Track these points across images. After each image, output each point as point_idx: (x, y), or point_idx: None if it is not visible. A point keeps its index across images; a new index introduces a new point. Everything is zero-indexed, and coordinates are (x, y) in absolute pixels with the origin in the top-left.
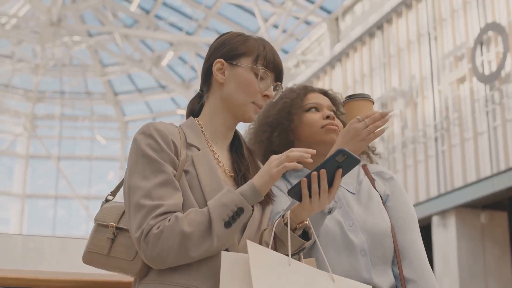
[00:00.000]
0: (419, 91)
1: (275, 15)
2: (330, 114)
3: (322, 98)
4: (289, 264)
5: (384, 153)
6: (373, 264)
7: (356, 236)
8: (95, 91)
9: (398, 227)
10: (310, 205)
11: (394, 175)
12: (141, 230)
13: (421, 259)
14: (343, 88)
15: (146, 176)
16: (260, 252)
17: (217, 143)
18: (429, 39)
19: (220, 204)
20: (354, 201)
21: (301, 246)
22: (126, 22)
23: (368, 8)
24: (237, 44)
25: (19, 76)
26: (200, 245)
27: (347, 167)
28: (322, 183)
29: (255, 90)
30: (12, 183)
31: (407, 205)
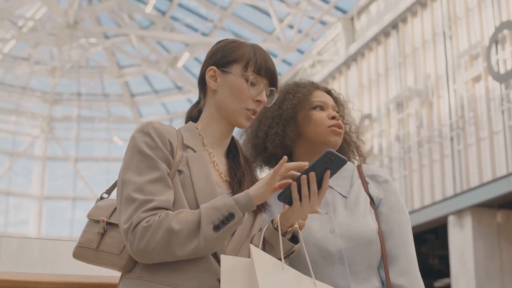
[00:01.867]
0: (435, 91)
1: (290, 15)
2: (336, 115)
3: (327, 97)
4: (282, 268)
5: (400, 152)
6: (355, 271)
7: (334, 244)
8: (112, 93)
9: (389, 233)
10: (301, 208)
11: (389, 178)
12: (130, 222)
13: (411, 265)
14: (359, 87)
15: (140, 172)
16: (262, 257)
17: (214, 147)
18: (444, 38)
19: (212, 207)
20: (342, 205)
21: (290, 250)
22: (142, 23)
23: (383, 7)
24: (229, 51)
25: (36, 78)
26: (186, 244)
27: (334, 168)
28: (311, 186)
29: (246, 96)
30: (31, 184)
31: (400, 210)
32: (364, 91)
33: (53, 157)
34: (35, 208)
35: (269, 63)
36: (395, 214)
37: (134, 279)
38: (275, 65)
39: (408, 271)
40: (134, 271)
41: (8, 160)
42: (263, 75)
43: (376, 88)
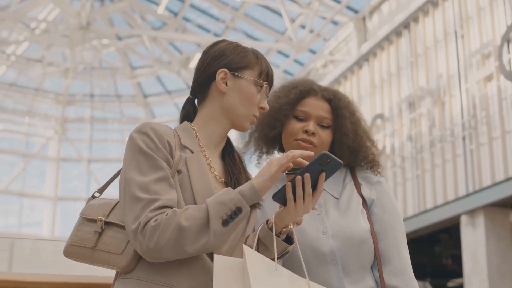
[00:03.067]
0: (447, 90)
1: (302, 16)
2: (309, 129)
3: (318, 106)
4: (276, 269)
5: (412, 152)
6: (348, 271)
7: (326, 245)
8: (125, 94)
9: (382, 233)
10: (295, 209)
11: (381, 179)
12: (138, 222)
13: (404, 266)
14: (371, 87)
15: (143, 171)
16: (255, 257)
17: (210, 148)
18: (456, 38)
19: (219, 202)
20: (334, 206)
21: (284, 250)
22: (154, 24)
23: (395, 7)
24: (239, 56)
25: (49, 79)
26: (196, 240)
27: (330, 170)
28: (306, 187)
29: (255, 103)
30: (44, 185)
31: (393, 211)
32: (376, 91)
33: (66, 158)
34: (48, 209)
35: (270, 69)
36: (388, 215)
37: (130, 279)
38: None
39: (401, 272)
40: (133, 272)
41: (22, 161)
42: (266, 80)
43: (388, 87)
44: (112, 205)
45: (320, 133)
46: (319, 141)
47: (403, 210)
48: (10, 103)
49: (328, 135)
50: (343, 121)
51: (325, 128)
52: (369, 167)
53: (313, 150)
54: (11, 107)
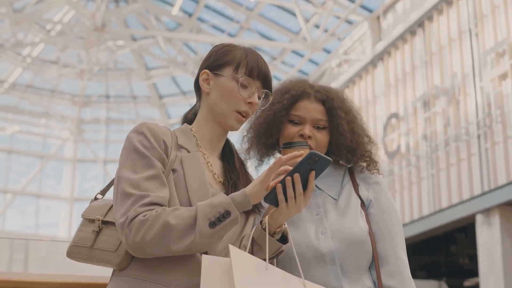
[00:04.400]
0: (461, 89)
1: (316, 15)
2: (305, 133)
3: (312, 109)
4: (266, 268)
5: (427, 151)
6: (346, 271)
7: (325, 245)
8: (140, 95)
9: (379, 234)
10: (287, 209)
11: (379, 179)
12: (126, 216)
13: (401, 266)
14: (386, 86)
15: (136, 170)
16: (242, 256)
17: (207, 149)
18: (470, 36)
19: (209, 204)
20: (332, 207)
21: (278, 250)
22: (169, 25)
23: (409, 6)
24: (221, 54)
25: (65, 81)
26: (181, 239)
27: (319, 168)
28: (297, 187)
29: (237, 98)
30: (61, 187)
31: (391, 211)
32: (390, 90)
33: (82, 159)
34: (65, 210)
35: (261, 65)
36: (385, 215)
37: (125, 276)
38: (268, 68)
39: (398, 272)
40: (127, 270)
41: (39, 163)
42: (255, 77)
43: (402, 87)
44: (110, 205)
45: (316, 136)
46: (315, 143)
47: (418, 210)
48: (26, 104)
49: (325, 136)
50: (339, 121)
51: (321, 130)
52: (365, 166)
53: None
54: (28, 109)
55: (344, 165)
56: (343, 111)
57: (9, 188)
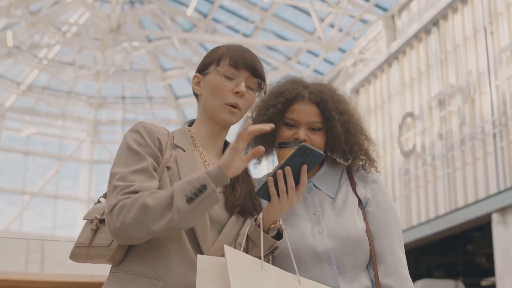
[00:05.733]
0: (476, 87)
1: (331, 15)
2: (299, 137)
3: (306, 111)
4: (262, 267)
5: (442, 150)
6: (343, 271)
7: (322, 244)
8: (156, 96)
9: (377, 232)
10: (279, 203)
11: (377, 178)
12: (109, 205)
13: (398, 265)
14: (401, 85)
15: (127, 165)
16: (237, 256)
17: (205, 148)
18: (485, 34)
19: (186, 181)
20: (330, 206)
21: (273, 246)
22: (184, 26)
23: (424, 4)
24: (207, 55)
25: (81, 82)
26: (160, 218)
27: (311, 162)
28: (288, 180)
29: (223, 91)
30: (78, 188)
31: (388, 210)
32: (406, 89)
33: (99, 160)
34: (82, 211)
35: (245, 55)
36: (383, 214)
37: (120, 273)
38: (255, 58)
39: (395, 271)
40: (121, 265)
41: (56, 164)
42: (239, 67)
43: (418, 86)
44: None
45: (311, 138)
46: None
47: (434, 209)
48: (43, 106)
49: (320, 138)
50: (333, 123)
51: (316, 131)
52: (361, 165)
53: None
54: (44, 110)
55: (342, 164)
56: (337, 112)
57: (26, 189)
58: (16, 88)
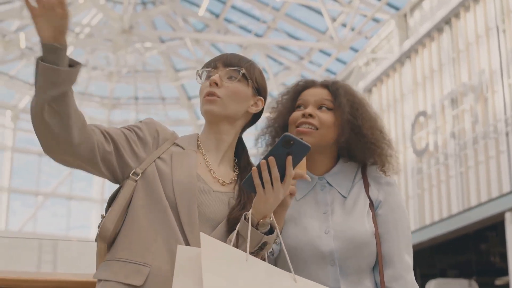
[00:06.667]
0: (489, 86)
1: (343, 14)
2: (306, 112)
3: (316, 92)
4: (246, 259)
5: (455, 149)
6: (347, 273)
7: (327, 245)
8: (169, 96)
9: (385, 235)
10: (265, 195)
11: (391, 180)
12: None
13: (404, 270)
14: (413, 84)
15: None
16: (215, 245)
17: (209, 151)
18: (498, 32)
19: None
20: (340, 205)
21: (261, 241)
22: (196, 26)
23: (436, 3)
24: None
25: (94, 83)
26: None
27: (297, 153)
28: (272, 171)
29: (202, 88)
30: (92, 188)
31: (399, 213)
32: (418, 88)
33: None
34: (96, 212)
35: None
36: (393, 217)
37: (110, 260)
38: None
39: (401, 276)
40: (112, 253)
41: None
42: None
43: (430, 84)
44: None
45: (319, 115)
46: (318, 122)
47: (447, 208)
48: None
49: (329, 117)
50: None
51: (325, 110)
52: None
53: (314, 133)
54: None
55: (357, 162)
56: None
57: (40, 190)
58: (29, 90)
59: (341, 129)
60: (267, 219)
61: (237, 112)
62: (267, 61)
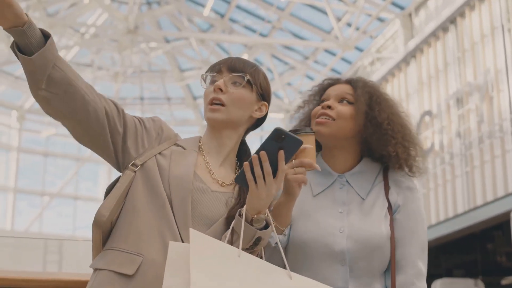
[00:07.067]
0: (494, 85)
1: (348, 14)
2: (324, 104)
3: (338, 88)
4: (239, 255)
5: (461, 149)
6: (357, 275)
7: (339, 244)
8: (174, 96)
9: (401, 241)
10: (257, 190)
11: (412, 185)
12: None
13: (415, 276)
14: (418, 84)
15: None
16: (205, 242)
17: (210, 154)
18: (503, 32)
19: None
20: (358, 206)
21: (255, 236)
22: (201, 26)
23: (441, 2)
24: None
25: (99, 84)
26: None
27: (289, 148)
28: (264, 166)
29: (207, 94)
30: (97, 189)
31: (418, 219)
32: (423, 88)
33: None
34: None
35: (225, 60)
36: (410, 223)
37: (107, 250)
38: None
39: (412, 283)
40: (108, 243)
41: (75, 165)
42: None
43: (435, 84)
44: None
45: (338, 107)
46: (336, 113)
47: (453, 208)
48: None
49: (348, 109)
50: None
51: (345, 103)
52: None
53: (331, 123)
54: None
55: (380, 164)
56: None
57: (46, 190)
58: None
59: (358, 120)
60: (262, 214)
61: (241, 118)
62: (272, 61)
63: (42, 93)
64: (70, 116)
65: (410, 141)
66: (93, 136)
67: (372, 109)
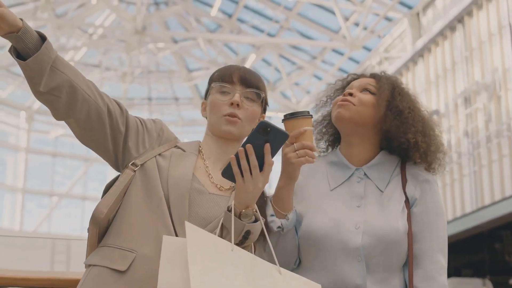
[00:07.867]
0: (502, 84)
1: (356, 13)
2: (346, 92)
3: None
4: (232, 249)
5: (469, 148)
6: (374, 270)
7: (356, 240)
8: (182, 96)
9: (419, 235)
10: (244, 184)
11: (430, 178)
12: None
13: (436, 271)
14: (426, 83)
15: None
16: (200, 235)
17: (210, 159)
18: (511, 30)
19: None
20: (375, 199)
21: (243, 229)
22: (209, 27)
23: (448, 1)
24: (209, 79)
25: (108, 84)
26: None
27: (275, 141)
28: (250, 159)
29: (220, 104)
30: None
31: (436, 213)
32: (431, 87)
33: None
34: None
35: (234, 69)
36: (429, 217)
37: (102, 246)
38: (248, 71)
39: (431, 277)
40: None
41: (84, 165)
42: (232, 81)
43: (443, 83)
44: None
45: (359, 96)
46: (357, 100)
47: (461, 207)
48: None
49: (370, 98)
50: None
51: (367, 93)
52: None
53: (350, 106)
54: None
55: (398, 156)
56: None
57: (55, 191)
58: None
59: (379, 108)
60: (249, 209)
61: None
62: (279, 60)
63: (42, 95)
64: (71, 116)
65: (431, 135)
66: (94, 136)
67: (394, 98)
